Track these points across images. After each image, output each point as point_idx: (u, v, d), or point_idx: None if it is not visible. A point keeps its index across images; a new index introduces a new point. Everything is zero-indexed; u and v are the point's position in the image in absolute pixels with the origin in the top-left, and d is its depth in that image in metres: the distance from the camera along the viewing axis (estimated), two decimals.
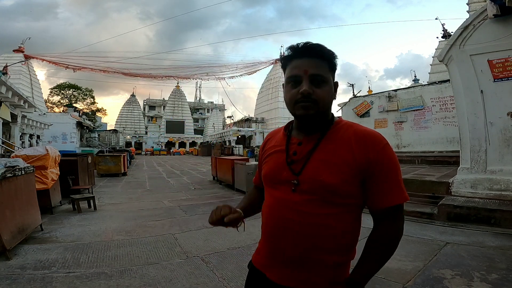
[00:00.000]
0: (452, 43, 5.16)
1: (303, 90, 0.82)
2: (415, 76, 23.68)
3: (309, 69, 0.83)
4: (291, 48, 0.87)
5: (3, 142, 10.57)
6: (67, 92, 40.61)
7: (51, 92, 40.44)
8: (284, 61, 0.90)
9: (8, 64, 17.34)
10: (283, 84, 0.93)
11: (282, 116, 38.89)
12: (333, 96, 0.89)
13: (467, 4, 12.00)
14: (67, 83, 41.06)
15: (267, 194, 0.96)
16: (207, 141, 44.11)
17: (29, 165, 4.02)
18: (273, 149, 0.96)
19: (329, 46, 0.86)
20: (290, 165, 0.87)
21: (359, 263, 0.83)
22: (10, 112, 11.63)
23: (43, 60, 27.54)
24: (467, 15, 8.04)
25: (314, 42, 0.86)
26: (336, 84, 0.90)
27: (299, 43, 0.87)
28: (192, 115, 54.67)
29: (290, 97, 0.86)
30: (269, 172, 0.93)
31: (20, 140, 14.14)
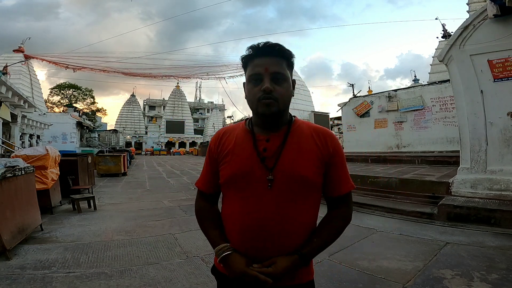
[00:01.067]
0: (452, 43, 5.16)
1: (265, 87, 0.84)
2: (415, 76, 23.70)
3: (269, 67, 0.85)
4: (252, 47, 0.89)
5: (3, 142, 10.57)
6: (67, 92, 40.61)
7: (51, 92, 40.46)
8: (245, 60, 0.91)
9: (8, 64, 17.31)
10: (244, 83, 0.95)
11: None
12: (291, 94, 0.91)
13: (467, 4, 12.00)
14: (67, 83, 41.06)
15: (232, 196, 0.91)
16: (207, 141, 44.08)
17: (29, 165, 4.02)
18: (236, 147, 0.91)
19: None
20: (263, 161, 0.86)
21: (310, 239, 0.87)
22: (10, 112, 11.63)
23: (43, 60, 27.44)
24: (467, 15, 8.04)
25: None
26: (293, 82, 0.92)
27: (260, 43, 0.89)
28: (192, 115, 54.65)
29: (252, 94, 0.87)
30: (238, 171, 0.88)
31: (20, 140, 14.14)
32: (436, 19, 39.02)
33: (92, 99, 42.93)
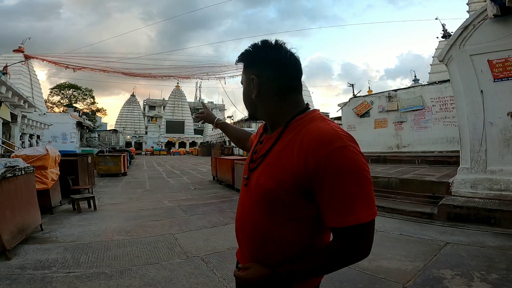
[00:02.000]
0: (452, 43, 5.16)
1: None
2: (415, 76, 23.69)
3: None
4: None
5: (3, 142, 10.57)
6: (67, 92, 40.60)
7: (51, 92, 40.46)
8: None
9: (8, 64, 17.31)
10: None
11: None
12: (250, 94, 0.84)
13: (467, 4, 12.00)
14: (67, 83, 41.06)
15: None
16: (207, 141, 44.07)
17: (29, 165, 4.02)
18: (252, 143, 1.01)
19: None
20: (250, 163, 0.88)
21: (296, 261, 0.74)
22: (10, 112, 11.63)
23: (43, 60, 27.46)
24: (467, 15, 8.04)
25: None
26: (252, 80, 0.81)
27: None
28: (192, 115, 54.64)
29: None
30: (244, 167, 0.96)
31: (20, 140, 14.14)
32: (436, 19, 39.04)
33: (92, 99, 42.96)
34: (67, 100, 39.07)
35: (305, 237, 0.76)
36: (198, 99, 67.53)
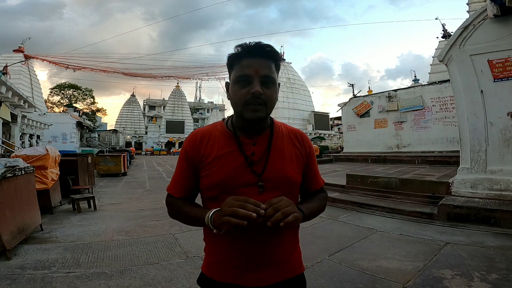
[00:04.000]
0: (452, 43, 5.16)
1: (255, 91, 0.80)
2: (415, 76, 23.74)
3: (260, 69, 0.81)
4: (241, 46, 0.84)
5: (3, 142, 10.57)
6: (67, 92, 40.59)
7: (51, 92, 40.44)
8: (232, 59, 0.86)
9: (8, 64, 17.32)
10: (226, 83, 0.90)
11: (282, 116, 38.87)
12: (277, 97, 0.89)
13: (467, 4, 12.00)
14: (67, 83, 41.07)
15: (221, 200, 0.80)
16: None
17: (29, 165, 4.02)
18: (220, 151, 0.86)
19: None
20: (252, 166, 0.84)
21: (302, 203, 0.93)
22: (10, 112, 11.63)
23: (43, 60, 27.53)
24: (467, 15, 8.04)
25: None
26: (278, 85, 0.90)
27: (251, 42, 0.84)
28: (192, 115, 54.64)
29: (239, 97, 0.83)
30: (226, 177, 0.84)
31: (20, 140, 14.14)
32: (436, 19, 39.05)
33: (92, 99, 42.94)
34: (67, 100, 39.05)
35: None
36: (198, 99, 67.53)
